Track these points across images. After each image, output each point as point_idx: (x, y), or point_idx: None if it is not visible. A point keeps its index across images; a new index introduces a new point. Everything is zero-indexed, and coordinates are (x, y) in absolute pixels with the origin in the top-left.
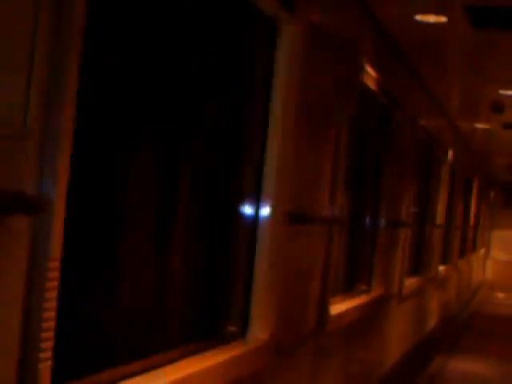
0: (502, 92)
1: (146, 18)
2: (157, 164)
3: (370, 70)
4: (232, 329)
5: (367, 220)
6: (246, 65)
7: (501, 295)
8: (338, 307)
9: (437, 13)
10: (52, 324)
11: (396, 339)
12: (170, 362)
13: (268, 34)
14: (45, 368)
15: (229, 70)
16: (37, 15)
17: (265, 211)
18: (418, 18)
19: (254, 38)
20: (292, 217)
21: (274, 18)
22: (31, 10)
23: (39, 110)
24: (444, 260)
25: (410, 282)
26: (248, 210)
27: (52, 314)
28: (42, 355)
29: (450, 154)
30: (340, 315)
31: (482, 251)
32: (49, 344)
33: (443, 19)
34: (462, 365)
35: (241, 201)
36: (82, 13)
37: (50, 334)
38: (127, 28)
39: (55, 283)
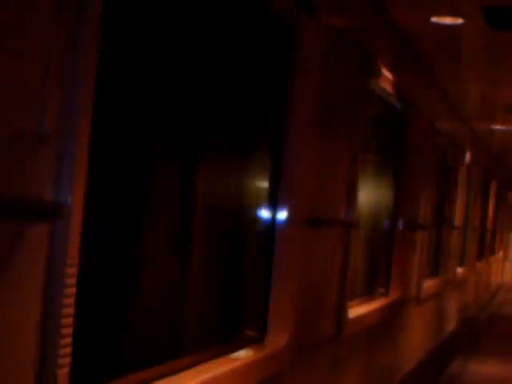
0: None
1: (162, 24)
2: (174, 169)
3: (385, 72)
4: (250, 333)
5: (385, 223)
6: (264, 68)
7: None
8: (356, 310)
9: (453, 14)
10: (70, 330)
11: (415, 342)
12: (190, 366)
13: (286, 36)
14: (63, 374)
15: (247, 73)
16: (55, 20)
17: (282, 215)
18: (434, 19)
19: (272, 40)
20: (309, 221)
21: (292, 20)
22: (50, 13)
23: (56, 116)
24: (462, 262)
25: (429, 285)
26: (266, 214)
27: (70, 319)
28: (61, 361)
29: (467, 155)
30: (358, 318)
31: (501, 253)
32: (67, 350)
33: (459, 21)
34: (481, 367)
35: (259, 206)
36: (99, 18)
37: (69, 339)
38: (144, 34)
39: (73, 289)
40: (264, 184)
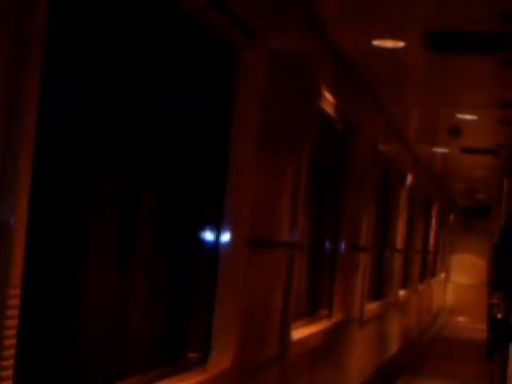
0: (459, 116)
1: (107, 46)
2: (118, 191)
3: (327, 95)
4: (193, 355)
5: (327, 245)
6: (206, 91)
7: (461, 319)
8: (299, 332)
9: (394, 38)
10: (12, 352)
11: (358, 364)
12: None
13: (228, 60)
14: None
15: (187, 98)
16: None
17: (226, 237)
18: (376, 43)
19: (214, 64)
20: (252, 242)
21: (233, 45)
22: None
23: None
24: (404, 284)
25: (371, 307)
26: (209, 235)
27: (13, 341)
28: (2, 374)
29: (409, 178)
30: (302, 340)
31: (443, 275)
32: (9, 372)
33: (401, 44)
34: None
35: (202, 227)
36: (43, 34)
37: (10, 362)
38: (87, 52)
39: (16, 311)
40: (208, 205)
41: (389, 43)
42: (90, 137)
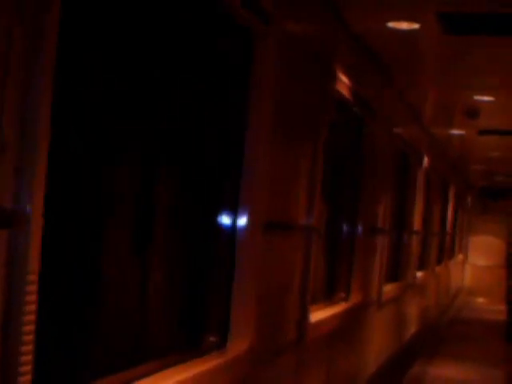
0: (476, 98)
1: (121, 34)
2: (135, 176)
3: (344, 78)
4: (212, 339)
5: (345, 227)
6: (222, 76)
7: (480, 300)
8: (317, 315)
9: (409, 20)
10: (31, 338)
11: (376, 346)
12: (150, 373)
13: (244, 45)
14: (25, 381)
15: (204, 82)
16: (11, 30)
17: (242, 220)
18: (391, 25)
19: (230, 49)
20: (269, 225)
21: (249, 29)
22: (5, 24)
23: (14, 125)
24: (422, 266)
25: (389, 289)
26: (226, 220)
27: (31, 327)
28: (22, 369)
29: (426, 160)
30: (320, 323)
31: (460, 257)
32: (28, 357)
33: (416, 26)
34: (442, 370)
35: (219, 211)
36: (56, 28)
37: (30, 347)
38: (103, 41)
39: (34, 297)
40: (224, 189)
41: (404, 25)
42: (107, 120)
